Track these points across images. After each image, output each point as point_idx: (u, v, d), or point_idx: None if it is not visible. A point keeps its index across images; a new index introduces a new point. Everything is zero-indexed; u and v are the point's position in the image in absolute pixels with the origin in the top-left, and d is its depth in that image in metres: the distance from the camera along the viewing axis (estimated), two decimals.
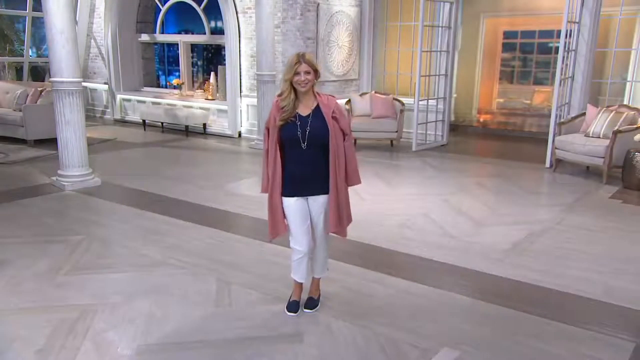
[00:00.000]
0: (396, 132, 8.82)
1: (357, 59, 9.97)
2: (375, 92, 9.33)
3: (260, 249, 4.47)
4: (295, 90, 3.10)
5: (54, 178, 6.44)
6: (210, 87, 10.70)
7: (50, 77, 6.32)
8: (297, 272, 3.42)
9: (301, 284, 3.48)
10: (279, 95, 3.17)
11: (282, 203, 3.24)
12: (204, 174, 7.10)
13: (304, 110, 3.15)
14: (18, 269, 4.02)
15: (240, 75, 9.76)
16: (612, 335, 3.19)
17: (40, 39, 12.33)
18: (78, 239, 4.68)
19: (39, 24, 11.71)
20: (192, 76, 11.75)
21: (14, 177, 6.83)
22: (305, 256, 3.34)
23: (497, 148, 9.50)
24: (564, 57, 7.55)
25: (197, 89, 11.03)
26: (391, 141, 9.02)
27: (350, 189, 3.24)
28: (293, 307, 3.44)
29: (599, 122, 7.16)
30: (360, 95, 9.31)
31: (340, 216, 3.27)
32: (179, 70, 11.29)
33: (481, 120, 11.88)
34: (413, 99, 8.86)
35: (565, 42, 7.48)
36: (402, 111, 8.86)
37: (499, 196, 6.23)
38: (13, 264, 4.12)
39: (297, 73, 3.04)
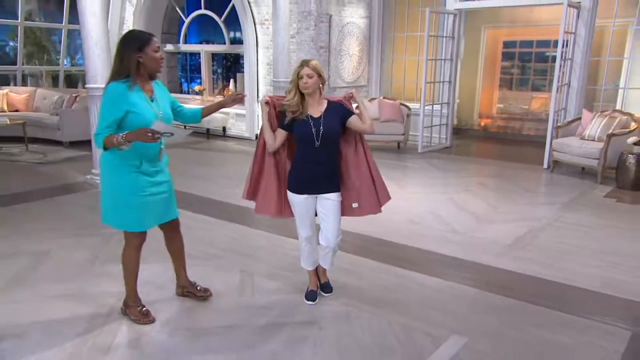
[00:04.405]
0: (403, 135, 8.81)
1: (366, 67, 9.97)
2: (384, 98, 9.32)
3: (280, 243, 4.49)
4: (302, 94, 3.14)
5: (88, 176, 6.49)
6: (230, 93, 10.75)
7: (84, 84, 6.37)
8: (306, 260, 3.44)
9: (315, 272, 3.51)
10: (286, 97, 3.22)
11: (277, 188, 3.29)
12: (225, 174, 7.13)
13: (315, 112, 3.16)
14: (59, 259, 4.07)
15: (257, 82, 9.80)
16: (611, 324, 3.17)
17: (74, 50, 12.44)
18: (111, 232, 4.62)
19: (72, 36, 11.82)
20: (213, 83, 11.80)
21: (52, 175, 6.91)
22: (310, 241, 3.35)
23: (497, 150, 9.45)
24: (561, 65, 7.51)
25: (217, 95, 11.08)
26: (398, 143, 9.01)
27: None
28: (311, 296, 3.45)
29: (594, 126, 7.11)
30: (370, 100, 9.29)
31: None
32: (200, 78, 11.35)
33: (482, 124, 11.81)
34: (419, 104, 8.84)
35: (562, 51, 7.45)
36: (408, 115, 8.84)
37: (500, 195, 6.20)
38: (54, 254, 4.17)
39: (300, 77, 3.08)
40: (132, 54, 2.79)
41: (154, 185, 3.01)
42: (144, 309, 3.20)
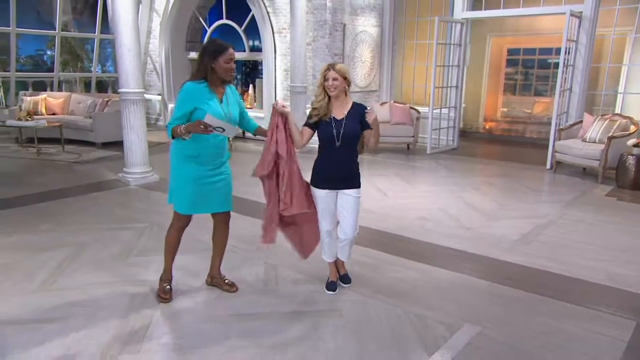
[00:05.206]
0: (412, 137, 8.80)
1: (377, 73, 9.95)
2: (394, 102, 9.32)
3: None
4: (329, 96, 3.16)
5: (120, 175, 6.56)
6: (249, 97, 10.80)
7: (114, 89, 6.44)
8: (327, 253, 3.46)
9: (335, 264, 3.52)
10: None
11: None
12: (246, 172, 7.12)
13: (339, 114, 3.18)
14: (96, 251, 4.13)
15: (275, 87, 9.83)
16: (616, 315, 3.16)
17: (104, 58, 12.59)
18: (143, 226, 4.77)
19: (103, 45, 11.97)
20: None
21: (86, 174, 7.00)
22: (331, 234, 3.36)
23: (501, 152, 9.38)
24: (563, 71, 7.46)
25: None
26: (408, 145, 8.99)
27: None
28: (332, 286, 3.47)
29: (595, 128, 7.05)
30: (381, 104, 9.29)
31: None
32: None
33: (487, 127, 11.75)
34: (427, 108, 8.83)
35: (564, 58, 7.39)
36: (418, 118, 8.83)
37: (506, 193, 6.17)
38: (92, 246, 4.23)
39: (326, 79, 3.11)
40: (207, 61, 2.95)
41: (210, 177, 3.15)
42: (168, 287, 3.34)
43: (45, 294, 3.36)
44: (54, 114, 9.54)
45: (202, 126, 2.82)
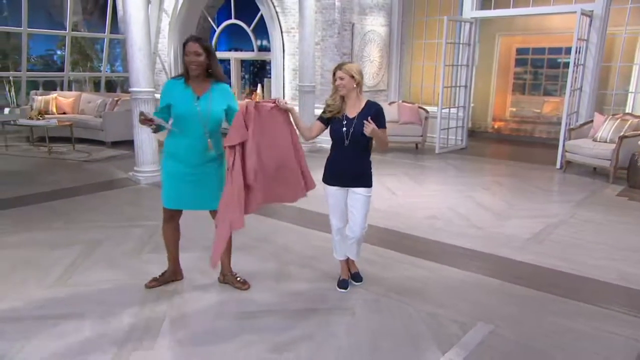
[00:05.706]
0: (421, 136, 8.79)
1: (386, 72, 9.96)
2: (403, 101, 9.31)
3: (309, 236, 4.51)
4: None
5: (131, 173, 6.60)
6: (257, 97, 10.83)
7: (123, 89, 6.47)
8: (337, 251, 3.50)
9: (346, 262, 3.54)
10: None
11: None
12: None
13: (351, 112, 3.20)
14: (109, 248, 4.17)
15: (283, 87, 9.86)
16: (629, 314, 3.14)
17: (113, 58, 12.68)
18: (154, 224, 4.76)
19: (113, 44, 12.06)
20: (241, 88, 11.90)
21: (97, 172, 7.05)
22: (341, 232, 3.40)
23: (510, 152, 9.35)
24: (573, 70, 7.42)
25: (245, 99, 11.17)
26: (416, 144, 8.99)
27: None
28: (343, 284, 3.49)
29: (606, 128, 7.02)
30: (389, 104, 9.29)
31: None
32: (229, 83, 11.44)
33: (495, 127, 11.70)
34: (436, 107, 8.82)
35: (575, 58, 7.36)
36: (426, 118, 8.82)
37: (516, 193, 6.15)
38: (104, 244, 4.27)
39: (335, 79, 3.17)
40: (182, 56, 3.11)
41: (193, 175, 3.18)
42: (159, 276, 3.51)
43: (60, 291, 3.40)
44: (64, 113, 9.62)
45: (142, 117, 2.95)
